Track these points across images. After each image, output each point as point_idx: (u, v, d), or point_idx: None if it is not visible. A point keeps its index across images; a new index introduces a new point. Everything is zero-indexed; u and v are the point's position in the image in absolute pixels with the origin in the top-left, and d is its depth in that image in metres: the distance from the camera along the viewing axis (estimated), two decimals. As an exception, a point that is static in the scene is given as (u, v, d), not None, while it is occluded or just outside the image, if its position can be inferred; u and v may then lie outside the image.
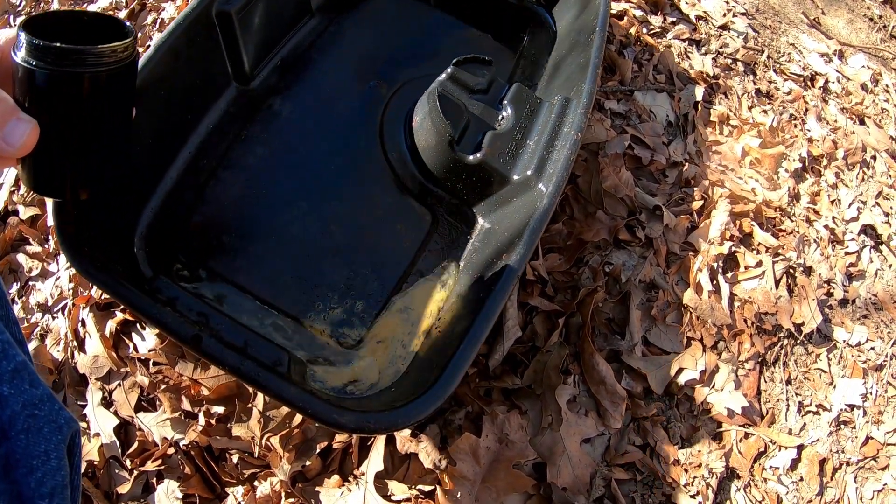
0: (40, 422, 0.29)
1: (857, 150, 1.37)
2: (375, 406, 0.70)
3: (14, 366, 0.29)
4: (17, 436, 0.28)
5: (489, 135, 0.87)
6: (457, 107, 0.88)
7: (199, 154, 0.85)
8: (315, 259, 0.85)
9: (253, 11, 0.89)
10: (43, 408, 0.30)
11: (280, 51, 0.98)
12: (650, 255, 1.00)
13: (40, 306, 1.05)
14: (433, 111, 0.86)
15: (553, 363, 0.90)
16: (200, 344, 0.61)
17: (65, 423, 0.31)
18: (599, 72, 0.93)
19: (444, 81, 0.89)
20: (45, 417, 0.30)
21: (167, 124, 0.82)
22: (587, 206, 0.99)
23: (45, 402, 0.30)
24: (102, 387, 0.94)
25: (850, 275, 1.24)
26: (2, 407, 0.28)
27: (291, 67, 0.99)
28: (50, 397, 0.30)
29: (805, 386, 1.09)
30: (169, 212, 0.82)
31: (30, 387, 0.29)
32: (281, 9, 0.98)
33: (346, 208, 0.89)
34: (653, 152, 1.06)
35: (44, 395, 0.30)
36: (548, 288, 0.94)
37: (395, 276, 0.85)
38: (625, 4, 1.24)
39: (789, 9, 1.55)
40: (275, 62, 0.98)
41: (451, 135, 0.85)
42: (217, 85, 0.90)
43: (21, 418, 0.29)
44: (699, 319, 1.02)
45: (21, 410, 0.29)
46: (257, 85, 0.94)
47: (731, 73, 1.26)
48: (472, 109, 0.89)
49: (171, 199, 0.82)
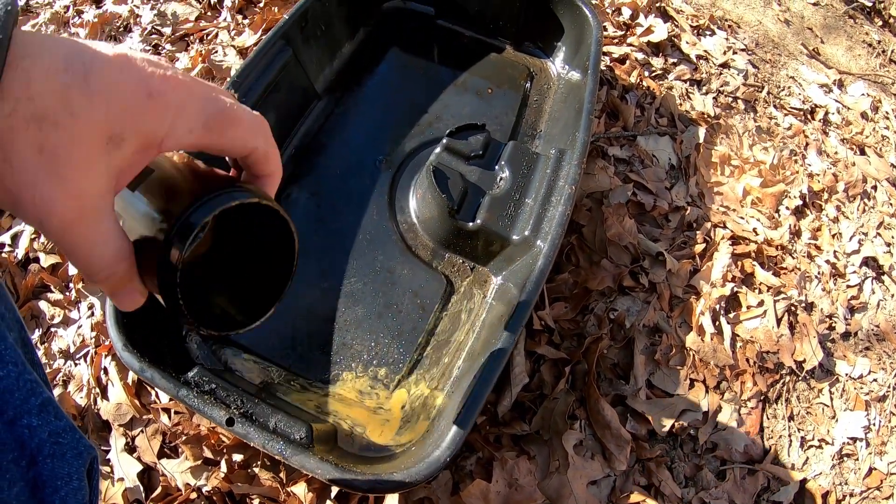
0: (64, 448, 0.34)
1: (857, 182, 1.39)
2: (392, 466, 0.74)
3: (41, 401, 0.34)
4: (43, 460, 0.33)
5: (487, 199, 0.91)
6: (454, 176, 0.92)
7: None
8: (340, 332, 0.89)
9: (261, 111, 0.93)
10: (66, 437, 0.34)
11: (292, 139, 1.03)
12: (654, 300, 1.03)
13: (62, 352, 1.08)
14: (431, 186, 0.90)
15: (560, 410, 0.94)
16: (233, 426, 0.66)
17: (84, 450, 0.35)
18: (595, 119, 0.96)
19: (440, 154, 0.93)
20: (67, 445, 0.34)
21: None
22: (592, 255, 1.02)
23: (68, 432, 0.35)
24: (125, 433, 0.97)
25: (852, 307, 1.26)
26: (31, 436, 0.33)
27: (304, 155, 1.03)
28: (72, 428, 0.35)
29: (807, 421, 1.12)
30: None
31: (55, 419, 0.34)
32: (289, 100, 1.02)
33: (364, 282, 0.93)
34: (655, 198, 1.09)
35: (67, 426, 0.35)
36: (554, 336, 0.97)
37: (414, 342, 0.89)
38: (627, 48, 1.27)
39: (788, 40, 1.57)
40: (289, 152, 1.02)
41: (450, 205, 0.89)
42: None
43: (47, 445, 0.33)
44: (702, 361, 1.05)
45: (47, 439, 0.33)
46: None
47: (731, 112, 1.29)
48: (469, 177, 0.93)
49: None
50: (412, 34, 1.20)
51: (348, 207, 0.99)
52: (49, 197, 0.29)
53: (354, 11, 1.16)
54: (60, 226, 0.30)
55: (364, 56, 1.17)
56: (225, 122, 0.34)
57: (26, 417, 0.33)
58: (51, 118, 0.28)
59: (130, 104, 0.30)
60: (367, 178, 1.01)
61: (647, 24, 1.31)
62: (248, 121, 0.36)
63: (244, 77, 0.95)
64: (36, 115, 0.27)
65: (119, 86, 0.29)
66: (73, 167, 0.29)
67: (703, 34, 1.40)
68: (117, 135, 0.30)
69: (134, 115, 0.30)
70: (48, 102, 0.28)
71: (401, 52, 1.18)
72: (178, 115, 0.32)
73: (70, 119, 0.28)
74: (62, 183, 0.29)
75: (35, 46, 0.28)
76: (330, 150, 1.04)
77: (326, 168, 1.02)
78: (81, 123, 0.29)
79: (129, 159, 0.31)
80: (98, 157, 0.30)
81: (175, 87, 0.31)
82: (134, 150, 0.31)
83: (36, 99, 0.27)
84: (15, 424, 0.32)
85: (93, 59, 0.29)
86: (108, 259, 0.32)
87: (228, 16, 1.32)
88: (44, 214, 0.29)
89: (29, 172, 0.28)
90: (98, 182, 0.30)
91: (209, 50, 1.25)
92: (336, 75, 1.14)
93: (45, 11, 1.47)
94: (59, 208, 0.29)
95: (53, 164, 0.28)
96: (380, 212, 0.98)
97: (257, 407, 0.74)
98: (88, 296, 1.09)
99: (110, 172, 0.31)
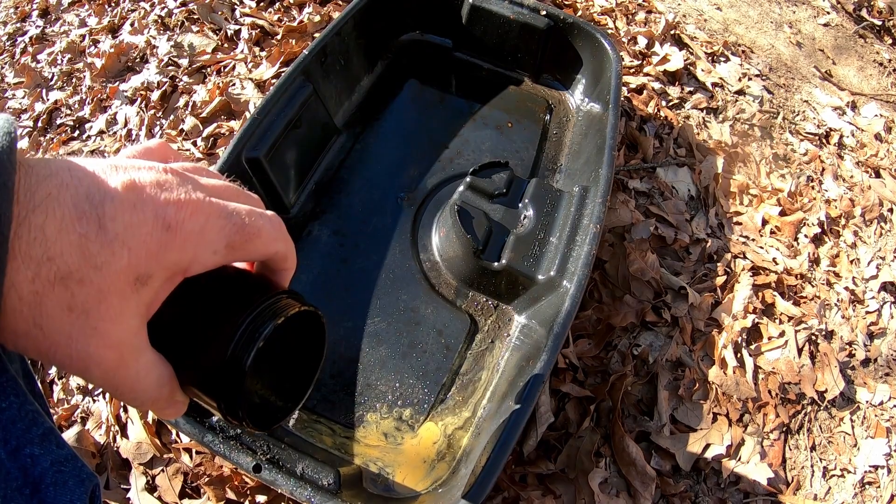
0: (66, 476, 0.34)
1: (873, 206, 1.39)
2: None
3: (42, 431, 0.34)
4: (46, 488, 0.33)
5: (512, 238, 0.91)
6: (478, 215, 0.91)
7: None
8: (364, 373, 0.89)
9: (282, 148, 0.93)
10: (68, 465, 0.35)
11: (313, 175, 1.03)
12: (676, 335, 1.03)
13: (80, 388, 1.07)
14: (455, 225, 0.90)
15: (585, 448, 0.94)
16: (260, 472, 0.66)
17: (86, 478, 0.36)
18: (616, 153, 0.96)
19: (464, 192, 0.93)
20: (69, 472, 0.35)
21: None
22: (615, 290, 1.02)
23: (70, 461, 0.35)
24: (146, 471, 0.96)
25: (871, 333, 1.26)
26: (34, 464, 0.33)
27: (325, 190, 1.03)
28: (74, 457, 0.36)
29: (829, 450, 1.11)
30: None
31: (56, 447, 0.35)
32: (309, 136, 1.02)
33: (388, 322, 0.93)
34: (676, 230, 1.09)
35: (68, 454, 0.35)
36: (578, 374, 0.97)
37: (439, 382, 0.89)
38: (643, 78, 1.27)
39: (801, 63, 1.57)
40: (309, 187, 1.02)
41: (475, 246, 0.88)
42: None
43: (49, 473, 0.33)
44: (724, 395, 1.04)
45: (49, 467, 0.33)
46: (296, 212, 0.98)
47: (748, 140, 1.29)
48: (493, 216, 0.93)
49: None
50: (430, 66, 1.20)
51: (371, 246, 0.99)
52: (86, 351, 0.29)
53: (372, 44, 1.17)
54: (103, 375, 0.30)
55: (382, 89, 1.17)
56: (246, 237, 0.34)
57: (29, 447, 0.33)
58: (75, 275, 0.27)
59: (151, 244, 0.29)
60: (388, 216, 1.01)
61: (664, 53, 1.31)
62: (266, 230, 0.36)
63: (265, 113, 0.95)
64: (60, 275, 0.27)
65: (136, 228, 0.29)
66: (106, 319, 0.29)
67: (717, 61, 1.40)
68: (144, 274, 0.30)
69: (157, 253, 0.30)
70: (69, 259, 0.27)
71: (419, 85, 1.18)
72: (199, 243, 0.32)
73: (94, 272, 0.28)
74: (98, 336, 0.29)
75: (41, 194, 0.27)
76: (351, 186, 1.04)
77: (348, 206, 1.02)
78: (106, 274, 0.28)
79: (157, 292, 0.32)
80: (128, 301, 0.30)
81: (192, 215, 0.31)
82: (161, 284, 0.31)
83: (56, 259, 0.27)
84: (18, 454, 0.32)
85: (103, 200, 0.29)
86: (153, 390, 0.33)
87: (246, 48, 1.32)
88: (84, 368, 0.30)
89: (62, 333, 0.28)
90: (132, 324, 0.30)
91: (227, 83, 1.25)
92: (355, 109, 1.14)
93: (61, 41, 1.47)
94: (98, 360, 0.29)
95: (85, 320, 0.28)
96: (402, 250, 0.98)
97: (283, 452, 0.73)
98: (109, 331, 1.09)
99: (140, 311, 0.31)
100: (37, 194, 0.27)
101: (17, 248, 0.26)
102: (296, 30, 1.35)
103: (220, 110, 1.21)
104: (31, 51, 1.50)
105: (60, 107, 1.36)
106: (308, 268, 0.96)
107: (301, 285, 0.94)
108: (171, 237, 0.30)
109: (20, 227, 0.26)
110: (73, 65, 1.44)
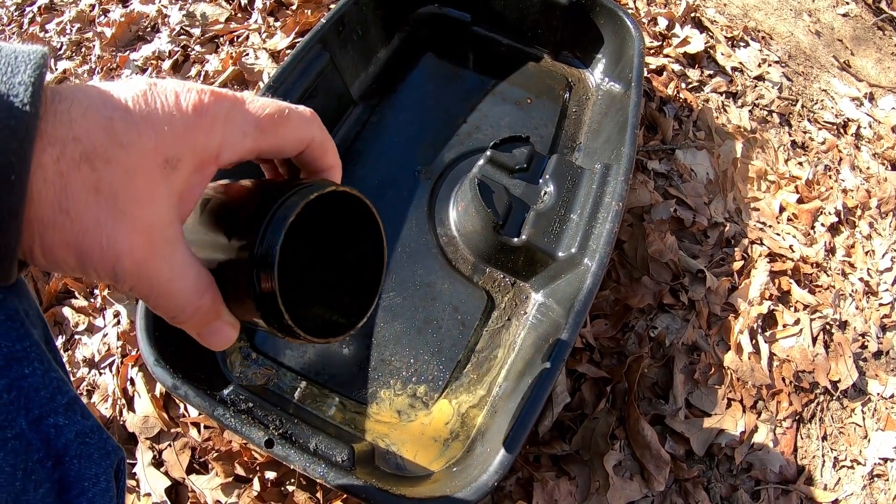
0: (91, 448, 0.33)
1: (889, 199, 1.38)
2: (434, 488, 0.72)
3: (67, 400, 0.32)
4: (70, 461, 0.32)
5: (532, 214, 0.89)
6: (498, 190, 0.90)
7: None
8: (378, 348, 0.87)
9: None
10: (93, 436, 0.33)
11: None
12: (693, 318, 1.02)
13: (87, 361, 1.05)
14: (475, 199, 0.88)
15: (601, 430, 0.92)
16: (272, 448, 0.64)
17: (112, 451, 0.34)
18: (638, 133, 0.94)
19: (484, 166, 0.91)
20: (94, 445, 0.33)
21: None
22: (633, 271, 1.00)
23: (95, 432, 0.33)
24: (152, 446, 0.94)
25: (884, 326, 1.25)
26: (58, 435, 0.31)
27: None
28: (99, 428, 0.34)
29: (840, 441, 1.11)
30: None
31: (81, 418, 0.33)
32: (325, 106, 1.00)
33: (403, 297, 0.92)
34: (695, 213, 1.08)
35: (94, 425, 0.33)
36: (595, 354, 0.95)
37: (454, 359, 0.87)
38: (663, 59, 1.25)
39: (819, 52, 1.56)
40: None
41: (494, 220, 0.86)
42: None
43: (74, 445, 0.32)
44: (739, 381, 1.03)
45: (74, 439, 0.32)
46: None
47: (767, 126, 1.27)
48: (513, 191, 0.91)
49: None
50: (448, 40, 1.18)
51: (386, 219, 0.96)
52: (116, 237, 0.27)
53: (390, 15, 1.14)
54: (134, 267, 0.28)
55: (400, 62, 1.15)
56: (276, 119, 0.33)
57: (52, 416, 0.31)
58: (101, 154, 0.26)
59: (178, 125, 0.29)
60: (405, 189, 0.99)
61: (684, 35, 1.29)
62: (297, 113, 0.35)
63: (280, 81, 0.93)
64: (86, 154, 0.26)
65: (162, 110, 0.28)
66: (134, 201, 0.27)
67: (737, 45, 1.38)
68: (173, 157, 0.29)
69: (185, 135, 0.29)
70: (94, 139, 0.26)
71: (436, 59, 1.16)
72: (227, 124, 0.31)
73: (121, 151, 0.27)
74: (127, 220, 0.27)
75: (66, 91, 0.27)
76: (367, 158, 1.02)
77: (364, 178, 1.00)
78: (133, 154, 0.27)
79: (189, 181, 0.30)
80: (158, 185, 0.28)
81: (217, 99, 0.31)
82: (192, 170, 0.30)
83: (82, 138, 0.26)
84: (41, 423, 0.31)
85: (127, 89, 0.28)
86: (190, 292, 0.31)
87: (259, 18, 1.30)
88: (114, 258, 0.27)
89: (90, 217, 0.26)
90: (163, 211, 0.29)
91: (240, 52, 1.23)
92: (372, 81, 1.12)
93: (70, 10, 1.44)
94: (129, 247, 0.28)
95: (114, 201, 0.27)
96: (419, 224, 0.96)
97: (296, 427, 0.72)
98: (114, 303, 1.07)
99: (172, 199, 0.29)
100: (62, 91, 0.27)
101: (42, 128, 0.25)
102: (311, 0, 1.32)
103: (232, 79, 1.19)
104: (40, 20, 1.46)
105: (69, 76, 1.33)
106: (322, 241, 0.94)
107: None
108: (198, 119, 0.29)
109: (45, 112, 0.25)
110: (83, 34, 1.41)
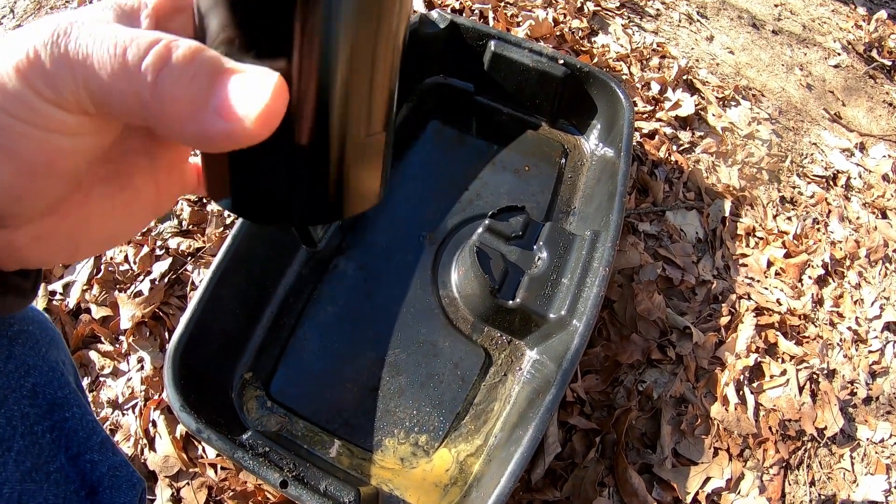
0: (120, 481, 0.41)
1: (879, 247, 1.43)
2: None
3: (101, 439, 0.40)
4: (103, 491, 0.39)
5: (526, 279, 0.98)
6: (495, 256, 0.99)
7: (280, 313, 1.00)
8: (384, 400, 0.96)
9: None
10: (122, 470, 0.41)
11: None
12: (680, 372, 1.09)
13: (111, 402, 1.12)
14: (474, 265, 0.97)
15: (590, 478, 0.99)
16: (287, 488, 0.73)
17: (137, 482, 0.42)
18: (627, 199, 1.03)
19: (482, 234, 1.01)
20: (123, 477, 0.41)
21: (251, 292, 0.97)
22: (622, 329, 1.08)
23: (124, 466, 0.41)
24: (171, 484, 1.02)
25: (874, 372, 1.30)
26: (92, 470, 0.38)
27: (351, 227, 1.11)
28: (126, 463, 0.42)
29: (828, 486, 1.16)
30: (259, 365, 0.97)
31: (112, 455, 0.41)
32: None
33: (407, 353, 1.01)
34: (683, 272, 1.15)
35: (122, 461, 0.41)
36: (586, 407, 1.03)
37: (454, 411, 0.96)
38: (656, 124, 1.33)
39: (811, 105, 1.63)
40: (335, 224, 1.10)
41: (491, 285, 0.95)
42: (288, 250, 1.04)
43: (107, 478, 0.39)
44: (726, 430, 1.10)
45: (107, 472, 0.39)
46: (323, 246, 1.07)
47: (756, 183, 1.35)
48: (509, 257, 1.00)
49: (261, 354, 0.97)
50: (452, 108, 1.28)
51: (393, 281, 1.06)
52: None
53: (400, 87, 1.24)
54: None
55: (407, 130, 1.24)
56: None
57: (88, 454, 0.39)
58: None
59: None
60: (411, 253, 1.09)
61: (675, 99, 1.38)
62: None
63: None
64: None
65: None
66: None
67: (728, 105, 1.46)
68: None
69: None
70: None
71: (441, 125, 1.26)
72: None
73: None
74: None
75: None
76: (376, 223, 1.11)
77: (373, 243, 1.09)
78: None
79: None
80: None
81: None
82: None
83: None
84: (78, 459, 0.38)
85: None
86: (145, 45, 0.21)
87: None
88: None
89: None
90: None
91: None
92: (382, 149, 1.21)
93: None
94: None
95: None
96: (423, 286, 1.05)
97: (308, 470, 0.81)
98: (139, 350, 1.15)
99: None
100: None
101: None
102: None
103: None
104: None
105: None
106: (333, 300, 1.03)
107: (327, 317, 1.02)
108: None
109: None
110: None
